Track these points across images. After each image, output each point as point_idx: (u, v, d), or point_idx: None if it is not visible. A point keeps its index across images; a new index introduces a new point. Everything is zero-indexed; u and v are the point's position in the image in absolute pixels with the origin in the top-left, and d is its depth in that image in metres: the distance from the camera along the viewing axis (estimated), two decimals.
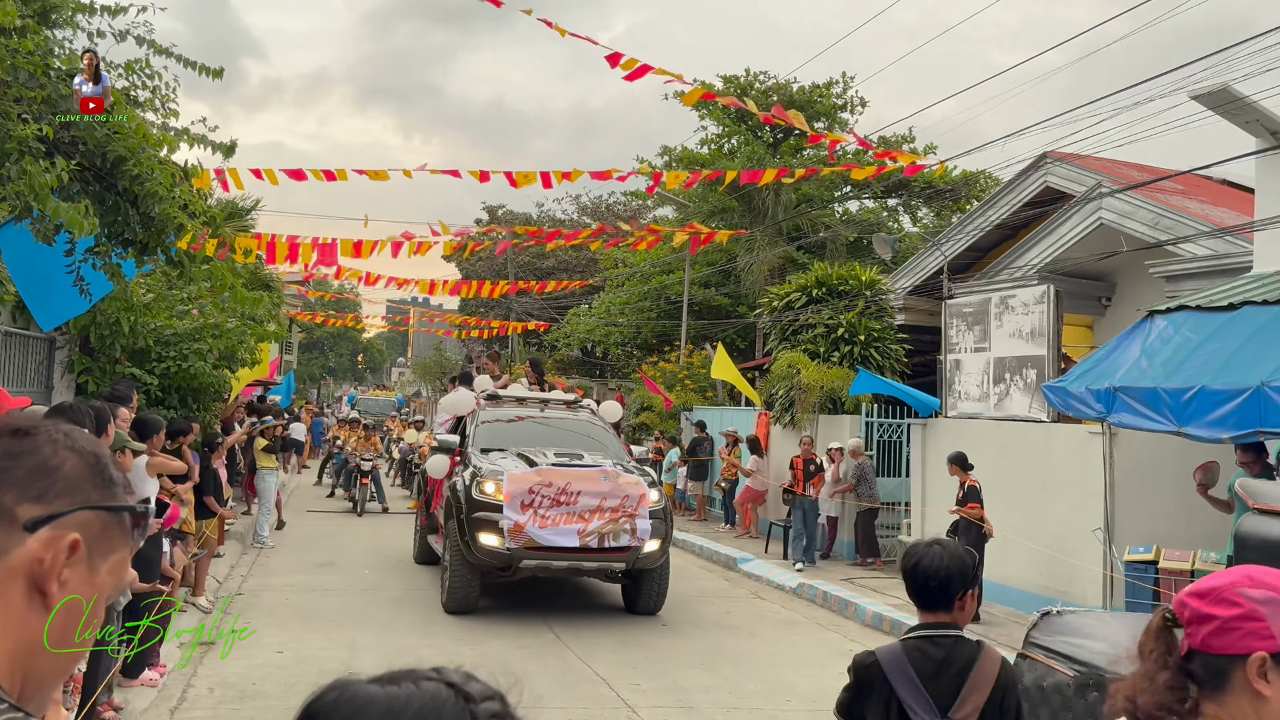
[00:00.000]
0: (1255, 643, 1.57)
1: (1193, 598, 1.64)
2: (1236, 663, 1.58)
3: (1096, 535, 10.26)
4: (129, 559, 1.20)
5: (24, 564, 1.08)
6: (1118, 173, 13.84)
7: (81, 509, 1.12)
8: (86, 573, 1.12)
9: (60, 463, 1.13)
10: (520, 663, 8.49)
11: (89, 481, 1.14)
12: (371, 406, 41.77)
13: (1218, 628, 1.60)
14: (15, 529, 1.08)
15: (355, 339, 71.73)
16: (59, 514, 1.10)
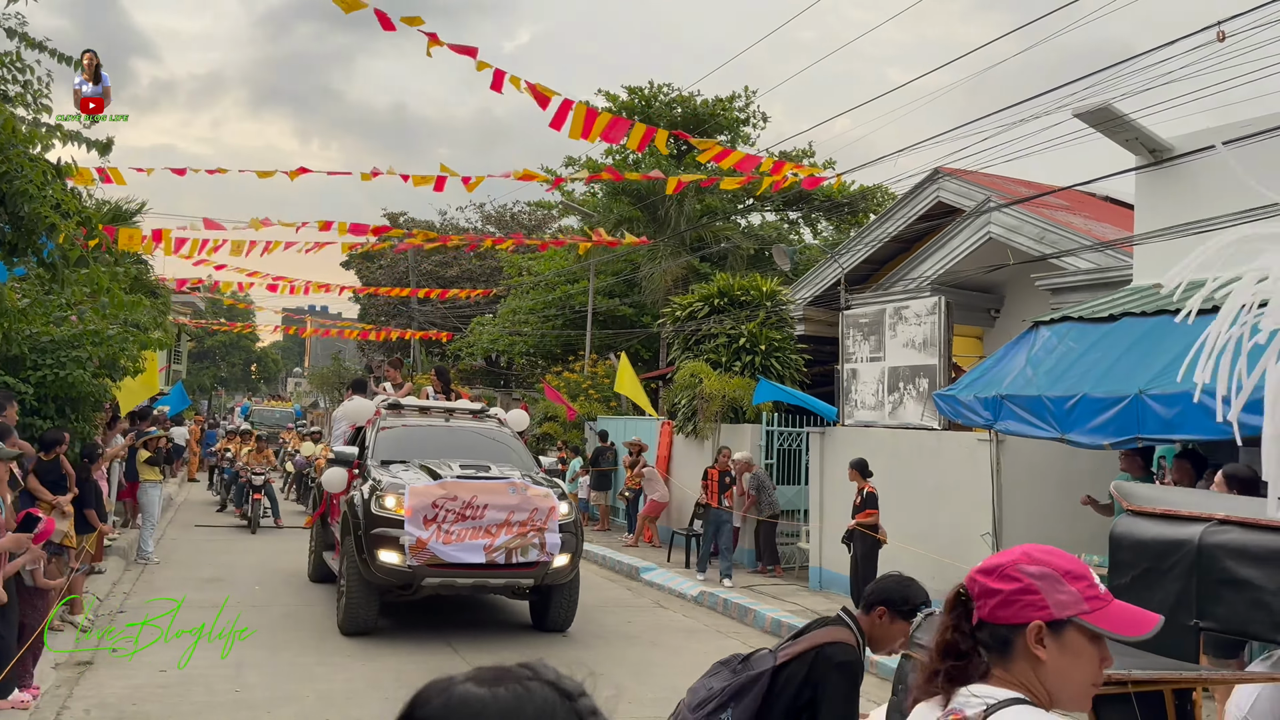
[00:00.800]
0: (1033, 613, 1.76)
1: (981, 574, 1.84)
2: (1018, 631, 1.77)
3: (985, 539, 10.54)
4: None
5: None
6: (1006, 188, 14.29)
7: None
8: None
9: None
10: (415, 677, 8.26)
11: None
12: (267, 418, 39.81)
13: (1001, 601, 1.79)
14: None
15: (248, 348, 69.72)
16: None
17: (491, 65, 9.70)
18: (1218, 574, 3.35)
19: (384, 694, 7.77)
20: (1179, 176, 10.10)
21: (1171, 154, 10.12)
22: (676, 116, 28.88)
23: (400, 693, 6.23)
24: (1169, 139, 10.21)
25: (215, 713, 7.14)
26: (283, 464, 26.60)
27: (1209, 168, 9.75)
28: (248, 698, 7.52)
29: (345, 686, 7.94)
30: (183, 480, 27.31)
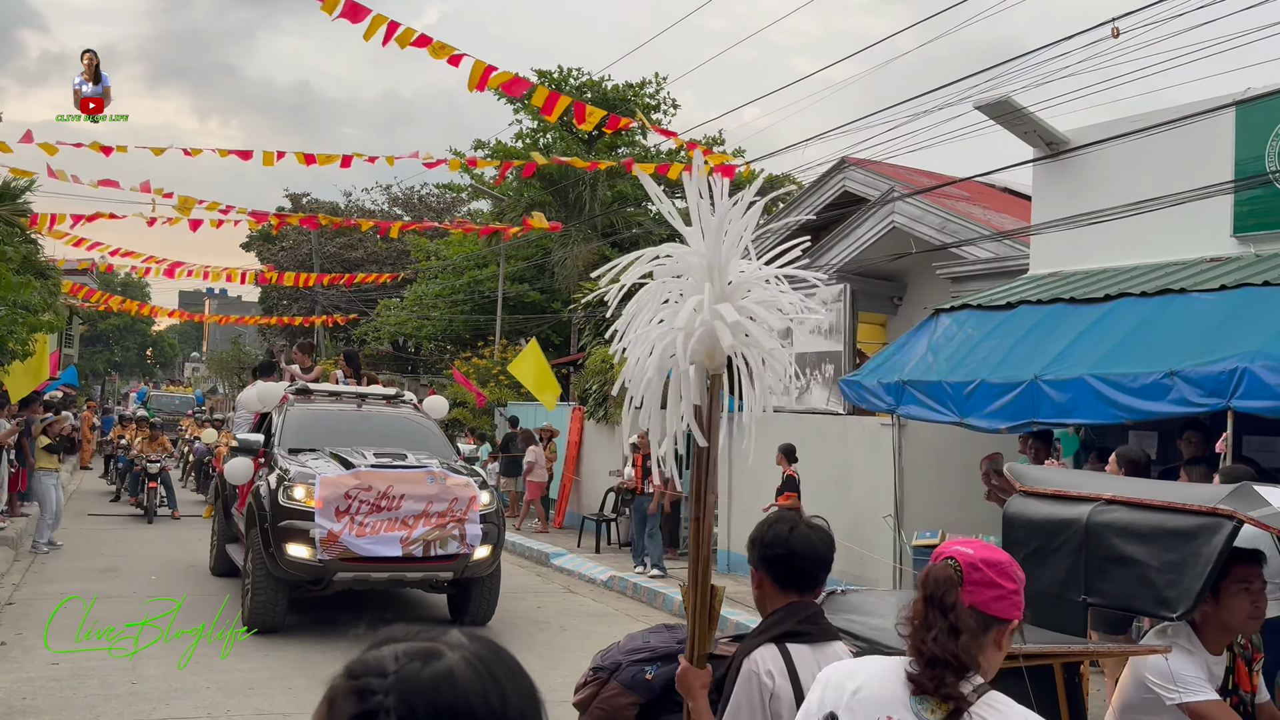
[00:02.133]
0: (1015, 612, 2.05)
1: (992, 568, 2.03)
2: (997, 623, 2.03)
3: (887, 521, 10.81)
4: None
5: None
6: (909, 178, 14.60)
7: None
8: None
9: None
10: (320, 666, 8.18)
11: None
12: (166, 404, 38.38)
13: (999, 595, 2.03)
14: None
15: (144, 332, 67.43)
16: None
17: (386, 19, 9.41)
18: (1105, 551, 3.50)
19: (287, 684, 7.64)
20: (1074, 169, 10.46)
21: (1067, 146, 10.47)
22: (587, 101, 28.77)
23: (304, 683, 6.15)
24: (1065, 132, 10.56)
25: (110, 705, 6.94)
26: (183, 453, 25.84)
27: (1102, 160, 10.12)
28: (144, 690, 7.32)
29: (247, 677, 7.78)
30: (75, 468, 26.34)
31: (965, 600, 2.01)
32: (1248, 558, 3.31)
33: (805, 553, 2.90)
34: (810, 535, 2.96)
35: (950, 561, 2.06)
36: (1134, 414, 7.46)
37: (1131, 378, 7.42)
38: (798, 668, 2.70)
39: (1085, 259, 10.09)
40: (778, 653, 2.72)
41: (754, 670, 2.70)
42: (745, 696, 2.69)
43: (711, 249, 2.73)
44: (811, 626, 2.84)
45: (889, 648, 3.90)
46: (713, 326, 2.66)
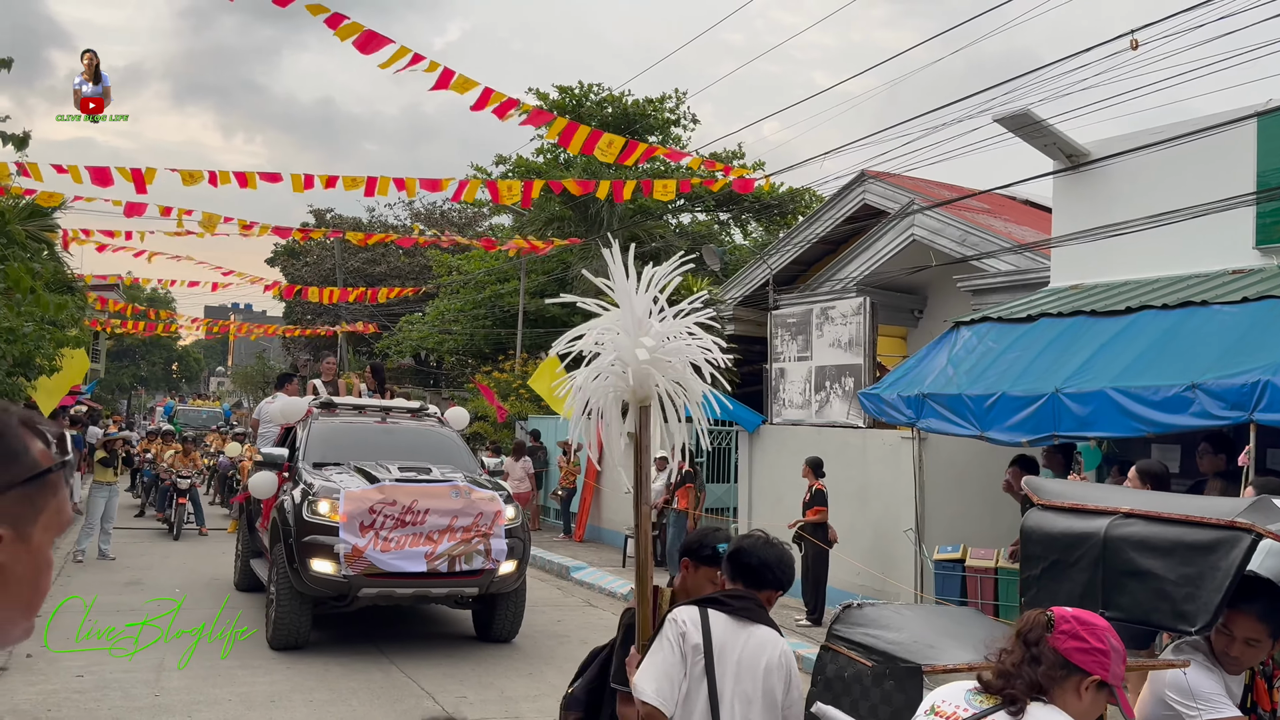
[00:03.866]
0: (1097, 669, 2.41)
1: (1082, 626, 2.45)
2: (1077, 671, 2.41)
3: (908, 536, 10.75)
4: (64, 500, 1.29)
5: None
6: (929, 191, 14.58)
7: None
8: (21, 547, 1.22)
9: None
10: (341, 679, 8.23)
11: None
12: (193, 418, 37.64)
13: (1086, 649, 2.41)
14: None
15: (170, 346, 68.03)
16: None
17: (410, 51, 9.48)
18: (1122, 565, 3.48)
19: (308, 697, 7.68)
20: (1095, 181, 10.42)
21: (1088, 159, 10.43)
22: (607, 116, 28.89)
23: (325, 696, 6.20)
24: (1085, 144, 10.52)
25: (133, 716, 7.00)
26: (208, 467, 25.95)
27: (1124, 172, 10.08)
28: (167, 701, 7.38)
29: (268, 689, 7.83)
30: None
31: (1051, 643, 2.42)
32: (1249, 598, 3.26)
33: (774, 561, 3.40)
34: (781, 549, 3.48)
35: (1047, 613, 2.49)
36: (1155, 427, 7.42)
37: (1153, 390, 7.37)
38: (712, 626, 3.22)
39: (1106, 271, 10.04)
40: (696, 612, 3.25)
41: (674, 619, 3.26)
42: (666, 637, 3.22)
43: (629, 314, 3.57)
44: (738, 604, 3.31)
45: (905, 662, 3.89)
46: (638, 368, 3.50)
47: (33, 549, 1.24)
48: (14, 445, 1.23)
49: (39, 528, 1.24)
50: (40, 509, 1.24)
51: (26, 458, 1.23)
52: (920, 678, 3.84)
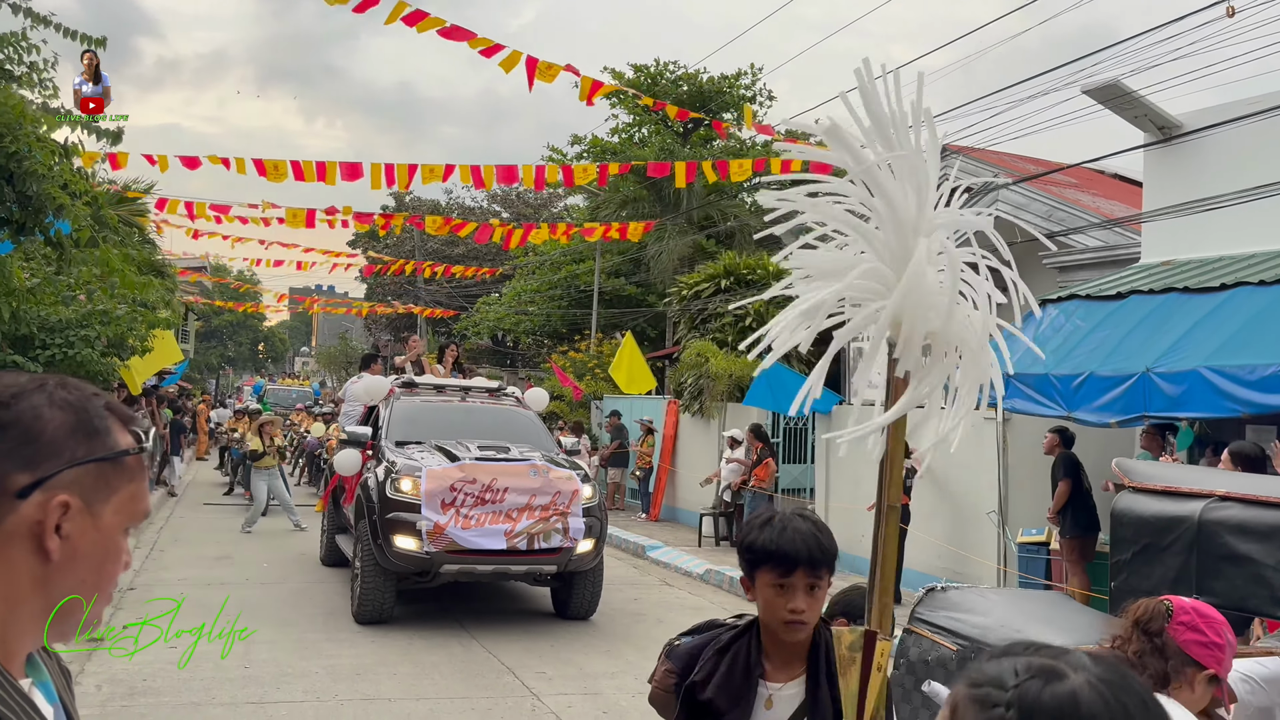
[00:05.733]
0: (1213, 664, 2.41)
1: (1202, 619, 2.42)
2: (1194, 666, 2.40)
3: (991, 518, 10.57)
4: (141, 490, 1.30)
5: (21, 528, 1.20)
6: (1014, 165, 14.24)
7: (68, 468, 1.21)
8: (88, 522, 1.23)
9: (44, 426, 1.22)
10: (423, 653, 8.39)
11: (74, 438, 1.23)
12: (283, 398, 37.89)
13: (1204, 643, 2.40)
14: (8, 498, 1.19)
15: (255, 327, 69.85)
16: (46, 477, 1.20)
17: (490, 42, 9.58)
18: (1218, 550, 3.37)
19: (392, 670, 7.84)
20: (1187, 153, 10.05)
21: (1180, 130, 10.07)
22: (683, 94, 28.76)
23: (409, 669, 6.32)
24: (1178, 115, 10.16)
25: (224, 688, 7.22)
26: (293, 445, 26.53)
27: (1217, 144, 9.71)
28: (256, 674, 7.60)
29: (354, 662, 8.02)
30: (190, 459, 27.46)
31: (1170, 633, 2.42)
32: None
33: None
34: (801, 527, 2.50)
35: (1164, 602, 2.48)
36: (1251, 407, 7.15)
37: (1249, 369, 7.11)
38: None
39: (1199, 246, 9.70)
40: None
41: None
42: None
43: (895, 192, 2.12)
44: None
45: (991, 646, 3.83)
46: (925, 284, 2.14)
47: (101, 528, 1.25)
48: (96, 423, 1.25)
49: (110, 509, 1.25)
50: (113, 490, 1.26)
51: (107, 437, 1.25)
52: None
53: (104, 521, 1.25)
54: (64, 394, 1.25)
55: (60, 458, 1.21)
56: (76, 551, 1.23)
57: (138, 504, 1.29)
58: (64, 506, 1.20)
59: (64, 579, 1.23)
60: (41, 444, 1.21)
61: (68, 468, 1.21)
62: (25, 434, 1.21)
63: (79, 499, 1.22)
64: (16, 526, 1.20)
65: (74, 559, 1.23)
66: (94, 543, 1.24)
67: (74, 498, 1.21)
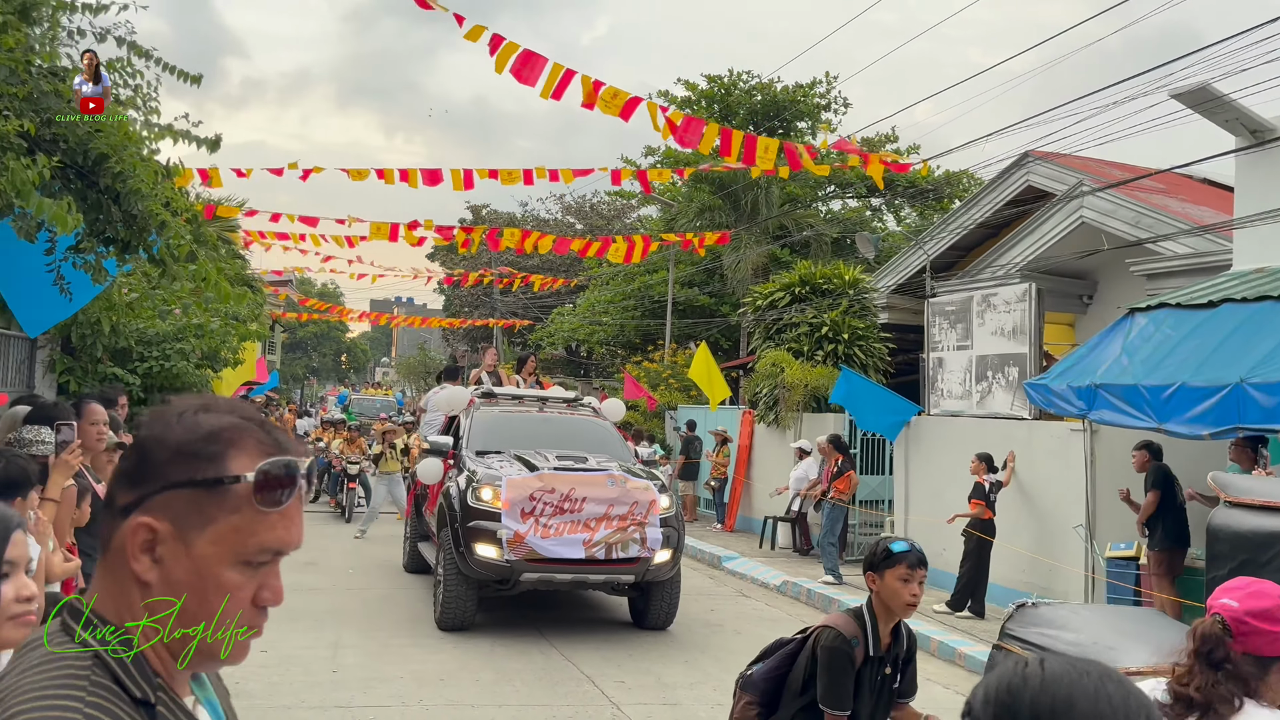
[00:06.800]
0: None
1: (1257, 618, 2.29)
2: (1275, 661, 2.29)
3: (1078, 532, 10.34)
4: (253, 524, 1.21)
5: (121, 546, 1.19)
6: (1099, 171, 13.93)
7: (162, 491, 1.19)
8: (179, 548, 1.19)
9: (157, 446, 1.21)
10: (505, 660, 8.50)
11: (176, 460, 1.20)
12: (367, 407, 37.50)
13: (1272, 639, 2.28)
14: (117, 515, 1.20)
15: (339, 339, 71.43)
16: (143, 497, 1.19)
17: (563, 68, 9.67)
18: None
19: (475, 676, 7.96)
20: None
21: (1273, 134, 9.77)
22: (756, 104, 28.72)
23: (491, 676, 6.42)
24: (1270, 119, 9.86)
25: (313, 691, 7.40)
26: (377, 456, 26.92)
27: None
28: (344, 678, 7.78)
29: (438, 668, 8.15)
30: None
31: (1238, 649, 2.29)
32: None
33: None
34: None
35: (1216, 618, 2.35)
36: None
37: None
38: None
39: None
40: None
41: None
42: None
43: None
44: None
45: None
46: None
47: (194, 557, 1.19)
48: (206, 448, 1.20)
49: (206, 538, 1.19)
50: (209, 519, 1.19)
51: (216, 463, 1.20)
52: None
53: (197, 551, 1.19)
54: (199, 415, 1.22)
55: (159, 479, 1.19)
56: (170, 578, 1.19)
57: (247, 537, 1.21)
58: (146, 529, 1.18)
59: (164, 605, 1.21)
60: (149, 464, 1.20)
61: (160, 491, 1.18)
62: (141, 453, 1.21)
63: (169, 524, 1.18)
64: (119, 544, 1.20)
65: (168, 585, 1.19)
66: (188, 571, 1.19)
67: (163, 522, 1.18)
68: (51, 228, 4.63)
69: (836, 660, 3.48)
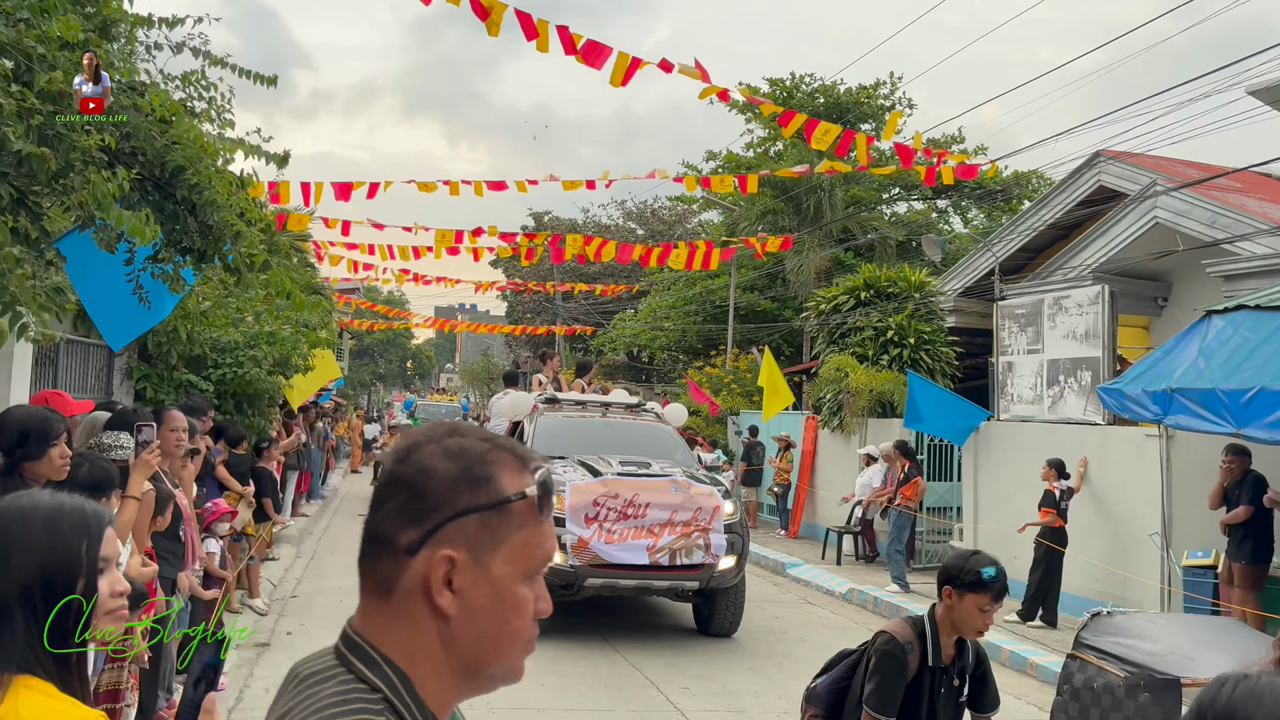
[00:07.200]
0: None
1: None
2: None
3: (1154, 540, 10.08)
4: (537, 535, 1.24)
5: (415, 585, 1.19)
6: (1173, 170, 13.60)
7: (450, 520, 1.19)
8: (479, 574, 1.20)
9: (429, 479, 1.21)
10: (569, 664, 8.52)
11: (457, 488, 1.20)
12: (433, 412, 37.11)
13: None
14: (401, 556, 1.20)
15: (404, 345, 72.42)
16: (431, 531, 1.19)
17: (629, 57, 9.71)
18: None
19: (539, 681, 7.99)
20: None
21: None
22: (819, 107, 28.52)
23: (555, 680, 6.43)
24: None
25: None
26: None
27: None
28: None
29: None
30: (346, 473, 28.61)
31: None
32: None
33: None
34: None
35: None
36: None
37: None
38: None
39: None
40: None
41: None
42: None
43: None
44: None
45: (1162, 674, 3.65)
46: None
47: (493, 580, 1.21)
48: (478, 471, 1.21)
49: (500, 559, 1.21)
50: (502, 540, 1.21)
51: (490, 485, 1.21)
52: (1179, 691, 3.60)
53: (495, 572, 1.21)
54: (453, 442, 1.23)
55: (442, 510, 1.19)
56: (471, 606, 1.20)
57: (533, 550, 1.23)
58: (448, 561, 1.19)
59: (466, 635, 1.21)
60: (427, 497, 1.20)
61: (449, 520, 1.19)
62: (412, 488, 1.20)
63: (465, 552, 1.19)
64: (412, 584, 1.19)
65: (471, 614, 1.20)
66: (488, 595, 1.20)
67: (459, 551, 1.19)
68: (131, 239, 4.76)
69: (887, 664, 3.45)
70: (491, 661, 1.24)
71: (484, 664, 1.23)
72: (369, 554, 1.24)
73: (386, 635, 1.21)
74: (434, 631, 1.21)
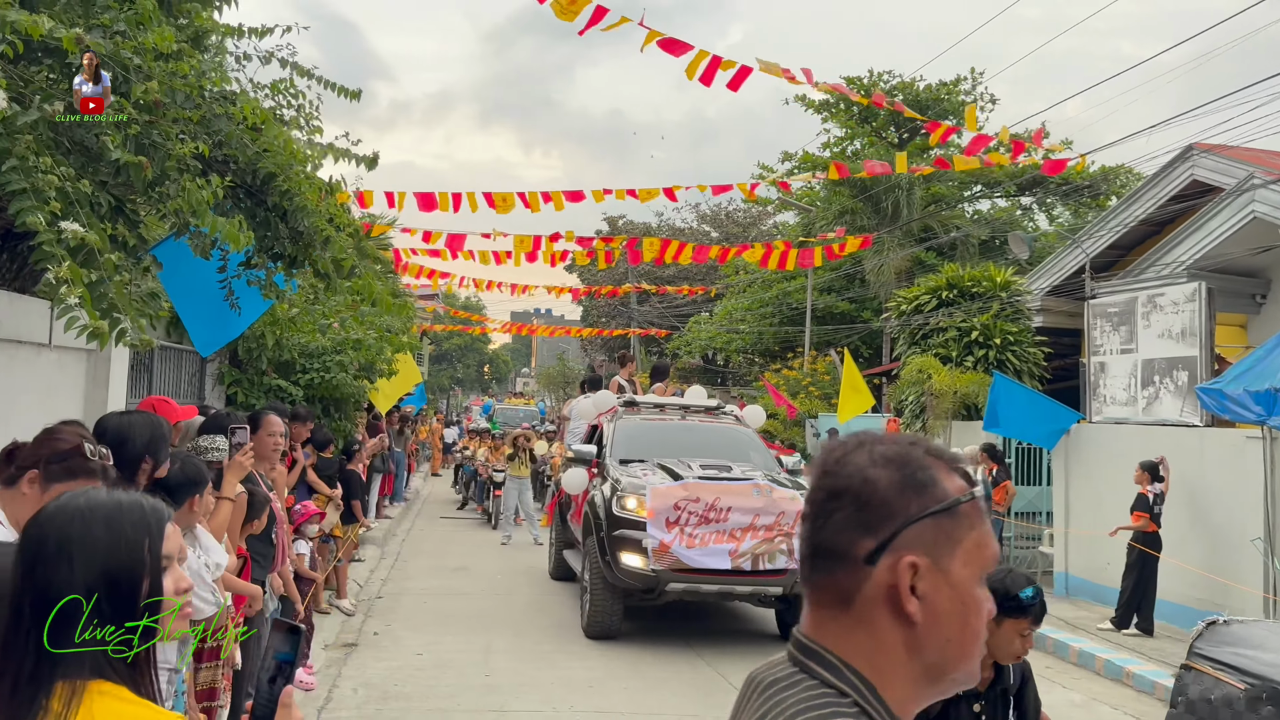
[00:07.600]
0: None
1: None
2: None
3: (1256, 545, 9.69)
4: (985, 535, 1.25)
5: (878, 594, 1.21)
6: (1271, 163, 13.07)
7: (905, 526, 1.21)
8: (940, 578, 1.21)
9: (873, 487, 1.22)
10: (652, 669, 8.48)
11: (904, 494, 1.22)
12: (511, 417, 36.88)
13: None
14: (859, 566, 1.21)
15: (481, 350, 73.28)
16: (888, 539, 1.20)
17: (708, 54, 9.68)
18: None
19: (623, 684, 7.97)
20: None
21: None
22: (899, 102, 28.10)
23: (639, 684, 6.38)
24: None
25: (467, 695, 7.53)
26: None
27: None
28: (496, 682, 7.90)
29: (585, 675, 8.19)
30: (427, 476, 29.00)
31: None
32: None
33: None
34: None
35: None
36: None
37: None
38: None
39: None
40: None
41: None
42: None
43: None
44: None
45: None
46: None
47: (954, 583, 1.21)
48: (920, 475, 1.23)
49: (958, 561, 1.22)
50: (956, 541, 1.22)
51: (935, 488, 1.22)
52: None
53: (954, 575, 1.22)
54: (883, 449, 1.25)
55: (895, 518, 1.20)
56: (936, 610, 1.21)
57: (985, 550, 1.24)
58: (913, 567, 1.19)
59: (931, 640, 1.21)
60: (875, 505, 1.21)
61: (904, 526, 1.20)
62: (858, 499, 1.22)
63: (925, 556, 1.20)
64: (874, 593, 1.20)
65: (936, 618, 1.21)
66: (950, 599, 1.21)
67: (920, 556, 1.20)
68: (224, 245, 4.84)
69: None
70: (957, 665, 1.23)
71: (949, 668, 1.23)
72: (820, 568, 1.25)
73: (846, 643, 1.22)
74: (898, 638, 1.21)
